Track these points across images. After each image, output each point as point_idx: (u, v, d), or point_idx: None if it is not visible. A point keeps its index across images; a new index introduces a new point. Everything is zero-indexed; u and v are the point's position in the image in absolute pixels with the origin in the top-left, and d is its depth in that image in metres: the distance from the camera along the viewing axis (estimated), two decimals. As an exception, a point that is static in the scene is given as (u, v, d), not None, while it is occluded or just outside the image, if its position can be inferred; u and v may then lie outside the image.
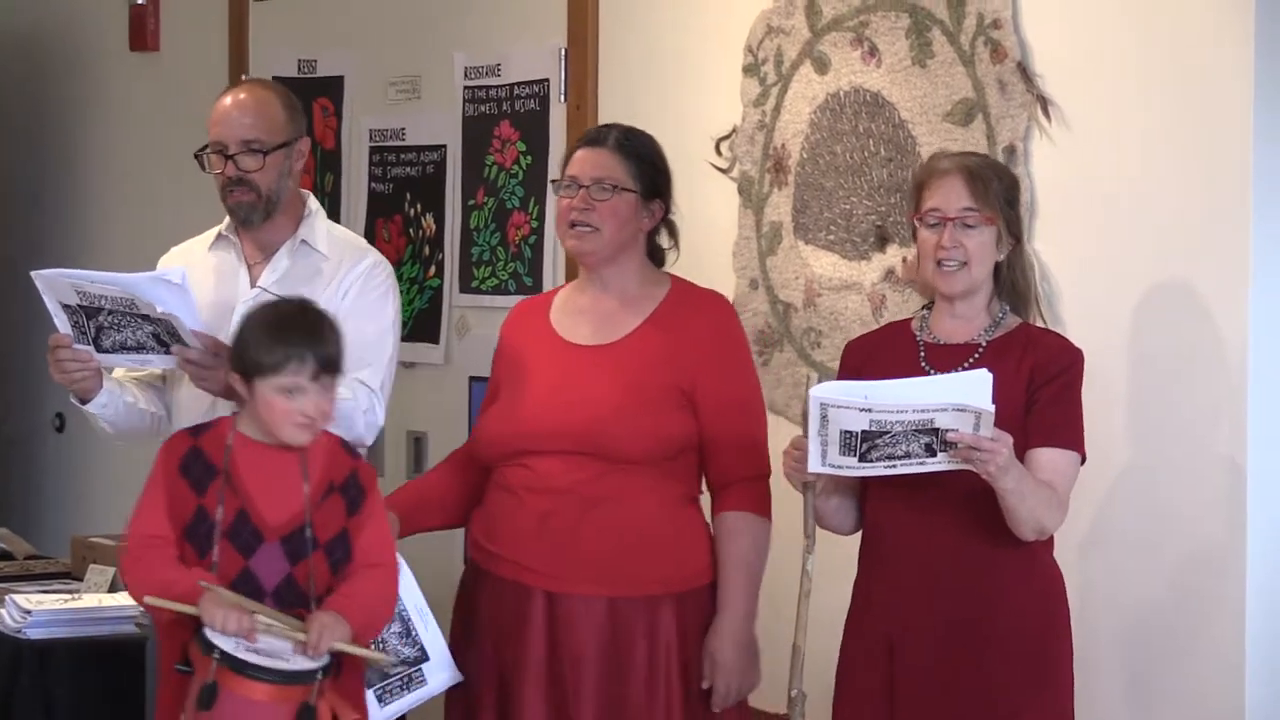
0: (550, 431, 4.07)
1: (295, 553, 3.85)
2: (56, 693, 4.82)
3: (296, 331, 3.85)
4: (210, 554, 3.82)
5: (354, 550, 3.89)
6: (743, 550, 4.10)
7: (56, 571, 5.85)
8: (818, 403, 3.65)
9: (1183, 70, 4.10)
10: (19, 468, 7.77)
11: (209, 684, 3.65)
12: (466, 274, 5.83)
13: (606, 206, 4.13)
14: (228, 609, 3.71)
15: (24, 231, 7.73)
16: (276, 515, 3.85)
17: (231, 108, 4.37)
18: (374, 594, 3.89)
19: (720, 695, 4.07)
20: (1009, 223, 3.87)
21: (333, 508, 3.89)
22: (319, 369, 3.82)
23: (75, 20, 7.54)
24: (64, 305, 4.10)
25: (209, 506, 3.84)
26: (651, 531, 4.07)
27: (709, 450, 4.13)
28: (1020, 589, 3.81)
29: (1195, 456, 4.08)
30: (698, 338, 4.13)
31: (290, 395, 3.82)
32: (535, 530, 4.07)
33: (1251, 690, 4.00)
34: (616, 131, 4.22)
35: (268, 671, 3.69)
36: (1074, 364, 3.84)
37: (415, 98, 6.04)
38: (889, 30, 4.64)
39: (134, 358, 4.14)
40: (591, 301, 4.21)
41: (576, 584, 4.05)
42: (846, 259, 4.75)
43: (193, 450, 3.89)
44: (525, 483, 4.10)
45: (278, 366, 3.80)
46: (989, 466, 3.64)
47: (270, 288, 4.32)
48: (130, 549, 3.88)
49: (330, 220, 4.50)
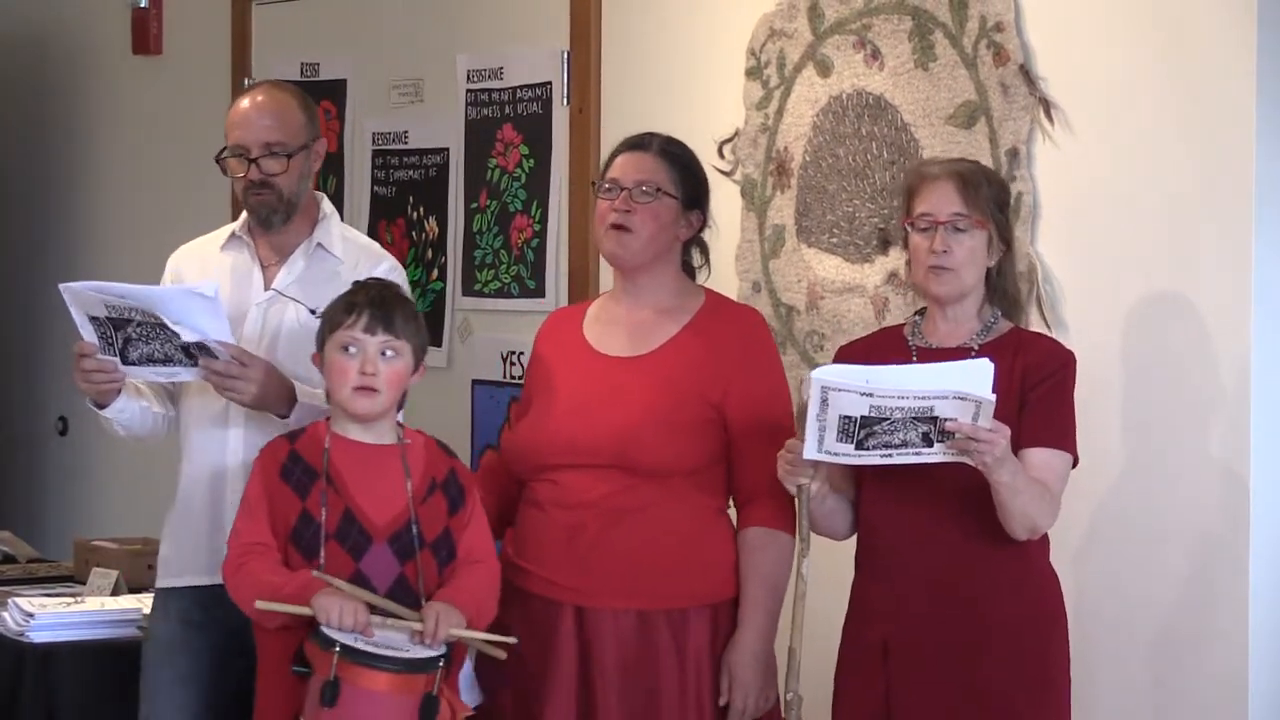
0: (577, 445, 4.05)
1: (404, 552, 3.84)
2: (59, 696, 4.81)
3: (363, 291, 3.91)
4: (318, 558, 3.81)
5: (458, 548, 3.90)
6: (766, 565, 4.05)
7: (59, 575, 5.85)
8: (819, 385, 3.63)
9: (1185, 73, 4.10)
10: (22, 470, 7.77)
11: (331, 680, 3.63)
12: (469, 277, 5.83)
13: (648, 210, 4.10)
14: (344, 602, 3.69)
15: (26, 235, 7.73)
16: (381, 515, 3.85)
17: (251, 110, 4.34)
18: (481, 588, 3.89)
19: (736, 712, 4.03)
20: (999, 228, 3.88)
21: (435, 506, 3.90)
22: (374, 323, 3.84)
23: (77, 24, 7.54)
24: (91, 318, 4.09)
25: (313, 510, 3.84)
26: (680, 544, 4.04)
27: (737, 464, 4.09)
28: (1017, 591, 3.81)
29: (1197, 459, 4.08)
30: (729, 351, 4.10)
31: (348, 353, 3.84)
32: (563, 545, 4.05)
33: (1255, 689, 4.00)
34: (660, 138, 4.19)
35: (391, 661, 3.66)
36: (1065, 366, 3.85)
37: (418, 101, 6.04)
38: (891, 33, 4.64)
39: (161, 370, 4.13)
40: (626, 312, 4.18)
41: (605, 598, 4.02)
42: (849, 262, 4.75)
43: (292, 454, 3.89)
44: (553, 498, 4.08)
45: (339, 320, 3.85)
46: (985, 457, 3.64)
47: (285, 290, 4.32)
48: (231, 557, 3.86)
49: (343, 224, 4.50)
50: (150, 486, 4.51)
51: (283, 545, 3.84)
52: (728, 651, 4.04)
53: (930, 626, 3.80)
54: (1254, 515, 3.99)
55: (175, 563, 4.38)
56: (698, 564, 4.06)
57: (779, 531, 4.06)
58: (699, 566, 4.06)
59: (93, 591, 5.35)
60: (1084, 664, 3.98)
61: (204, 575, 4.27)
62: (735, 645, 4.04)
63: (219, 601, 4.11)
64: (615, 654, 4.01)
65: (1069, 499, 3.84)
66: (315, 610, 3.69)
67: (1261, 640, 4.00)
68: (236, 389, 4.09)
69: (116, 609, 5.07)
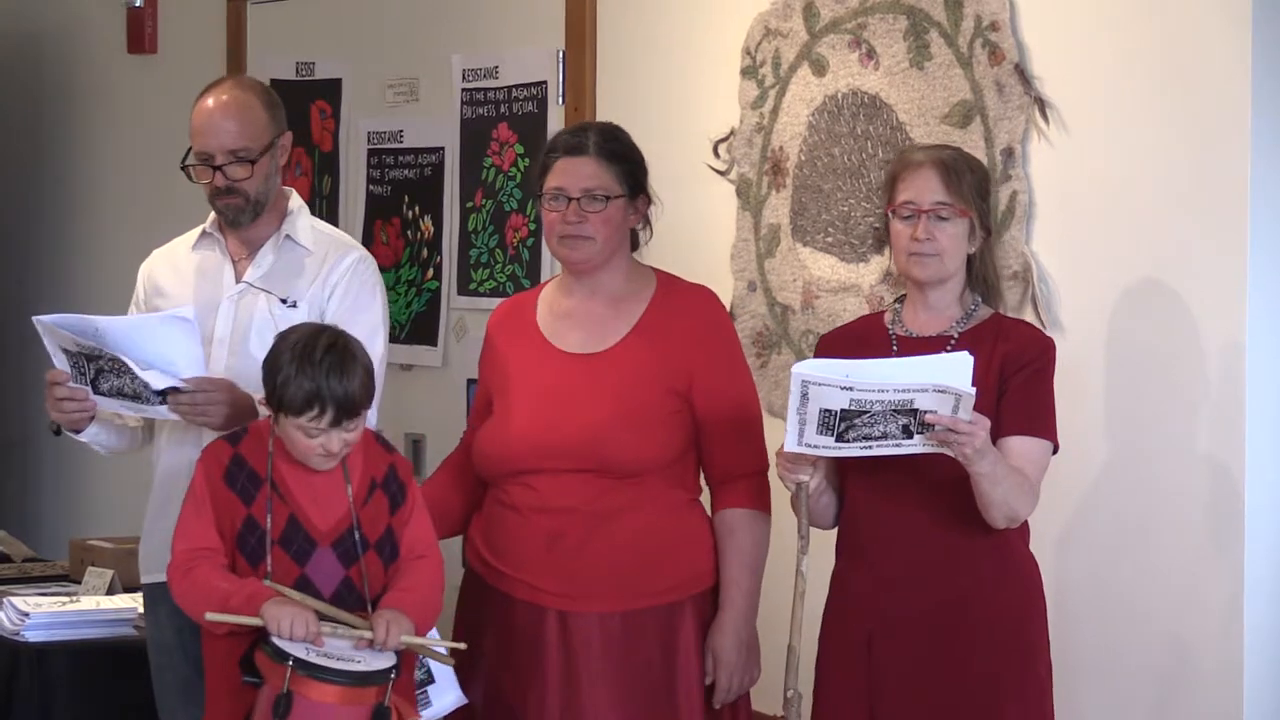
0: (550, 450, 4.05)
1: (347, 555, 3.84)
2: (54, 695, 4.82)
3: (321, 375, 3.78)
4: (263, 563, 3.81)
5: (400, 545, 3.90)
6: (744, 547, 4.09)
7: (55, 574, 5.85)
8: (799, 380, 3.65)
9: (1180, 72, 4.10)
10: (17, 470, 7.77)
11: (285, 693, 3.63)
12: (464, 276, 5.83)
13: (599, 217, 4.09)
14: (294, 612, 3.69)
15: (21, 235, 7.72)
16: (325, 520, 3.85)
17: (215, 115, 4.32)
18: (426, 585, 3.89)
19: (722, 691, 4.08)
20: (981, 215, 3.90)
21: (377, 506, 3.90)
22: (339, 415, 3.79)
23: (73, 22, 7.54)
24: (64, 349, 4.11)
25: (258, 516, 3.83)
26: (661, 540, 4.06)
27: (707, 448, 4.13)
28: (997, 579, 3.83)
29: (1191, 455, 4.08)
30: (689, 338, 4.11)
31: (309, 435, 3.81)
32: (545, 551, 4.05)
33: (1250, 684, 4.01)
34: (594, 135, 4.16)
35: (344, 674, 3.67)
36: (1045, 353, 3.86)
37: (413, 100, 6.04)
38: (887, 32, 4.64)
39: (130, 405, 4.14)
40: (579, 304, 4.17)
41: (591, 602, 4.03)
42: (844, 261, 4.75)
43: (235, 459, 3.88)
44: (530, 502, 4.08)
45: (301, 411, 3.78)
46: (965, 449, 3.66)
47: (256, 283, 4.33)
48: (177, 562, 3.84)
49: (314, 217, 4.50)
50: (145, 487, 4.50)
51: (229, 548, 3.83)
52: (711, 633, 4.07)
53: (911, 614, 3.82)
54: (1248, 511, 4.00)
55: (157, 558, 4.36)
56: (679, 559, 4.09)
57: (755, 511, 4.10)
58: (680, 561, 4.09)
59: (88, 591, 5.36)
60: (1068, 655, 3.99)
61: None
62: (718, 627, 4.07)
63: None
64: (602, 655, 4.03)
65: (1066, 494, 3.86)
66: (265, 620, 3.68)
67: (1259, 632, 4.01)
68: (207, 414, 4.12)
69: (111, 608, 5.08)
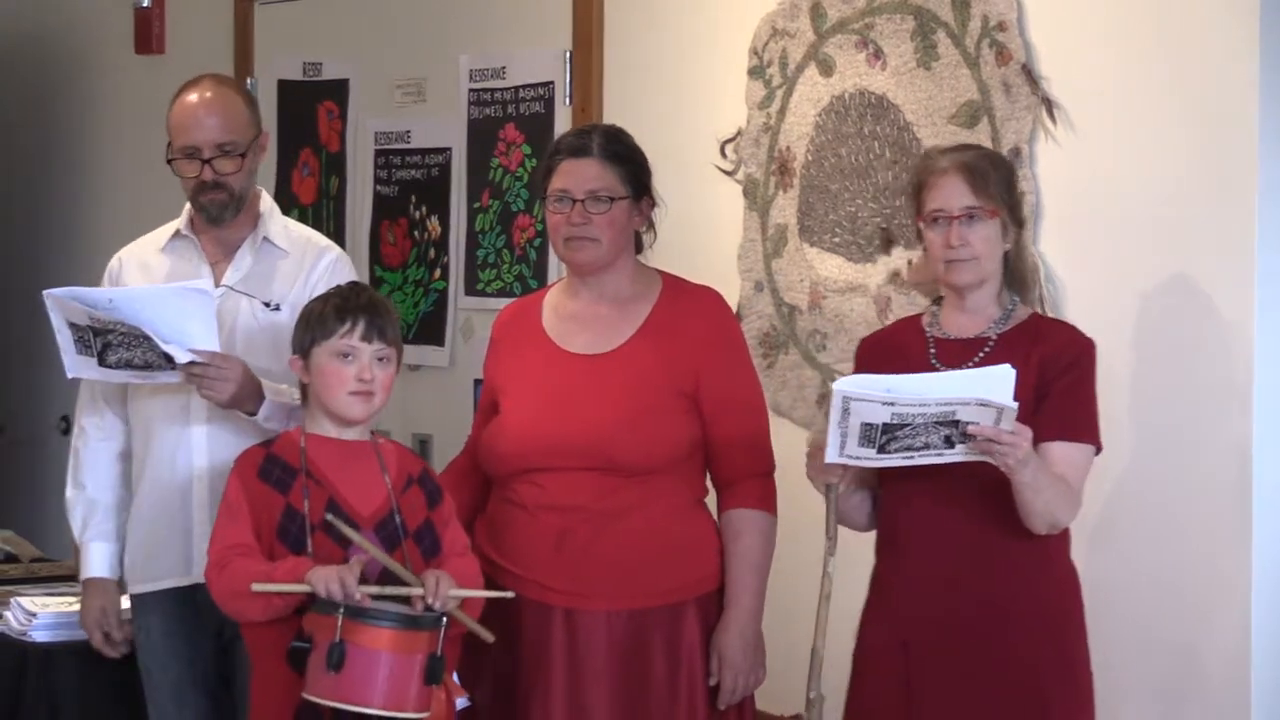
0: (558, 448, 4.05)
1: (390, 539, 3.86)
2: (62, 695, 4.81)
3: (352, 299, 3.92)
4: (305, 550, 3.81)
5: (442, 542, 3.92)
6: (750, 547, 4.09)
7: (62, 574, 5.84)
8: (840, 395, 3.65)
9: (1187, 71, 4.10)
10: (24, 470, 7.77)
11: (337, 641, 3.63)
12: (471, 277, 5.84)
13: (604, 219, 4.09)
14: (338, 567, 3.69)
15: (28, 233, 7.73)
16: (365, 504, 3.87)
17: (200, 109, 4.33)
18: (474, 575, 3.91)
19: (727, 691, 4.07)
20: (1011, 211, 3.88)
21: (414, 498, 3.93)
22: (370, 331, 3.86)
23: (80, 23, 7.54)
24: (71, 324, 4.09)
25: (295, 502, 3.85)
26: (667, 540, 4.06)
27: (714, 449, 4.13)
28: (1036, 584, 3.82)
29: (1202, 453, 4.09)
30: (695, 340, 4.11)
31: (345, 359, 3.86)
32: (552, 549, 4.05)
33: (1257, 677, 4.01)
34: (598, 137, 4.16)
35: (394, 616, 3.67)
36: (1084, 354, 3.84)
37: (420, 100, 6.04)
38: (894, 32, 4.64)
39: (140, 375, 4.14)
40: (585, 306, 4.18)
41: (597, 600, 4.04)
42: (852, 261, 4.75)
43: (269, 457, 3.90)
44: (537, 500, 4.08)
45: (333, 329, 3.86)
46: (1008, 459, 3.65)
47: (236, 286, 4.32)
48: (213, 561, 3.84)
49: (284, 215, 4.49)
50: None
51: (269, 545, 3.83)
52: (716, 633, 4.07)
53: (950, 617, 3.81)
54: (1256, 502, 4.00)
55: (144, 568, 4.37)
56: (685, 558, 4.09)
57: (762, 512, 4.11)
58: (687, 562, 4.09)
59: (95, 591, 5.35)
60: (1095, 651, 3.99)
61: (177, 578, 4.29)
62: (723, 627, 4.07)
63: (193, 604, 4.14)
64: (607, 654, 4.03)
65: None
66: (312, 582, 3.69)
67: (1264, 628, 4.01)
68: (215, 389, 4.10)
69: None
